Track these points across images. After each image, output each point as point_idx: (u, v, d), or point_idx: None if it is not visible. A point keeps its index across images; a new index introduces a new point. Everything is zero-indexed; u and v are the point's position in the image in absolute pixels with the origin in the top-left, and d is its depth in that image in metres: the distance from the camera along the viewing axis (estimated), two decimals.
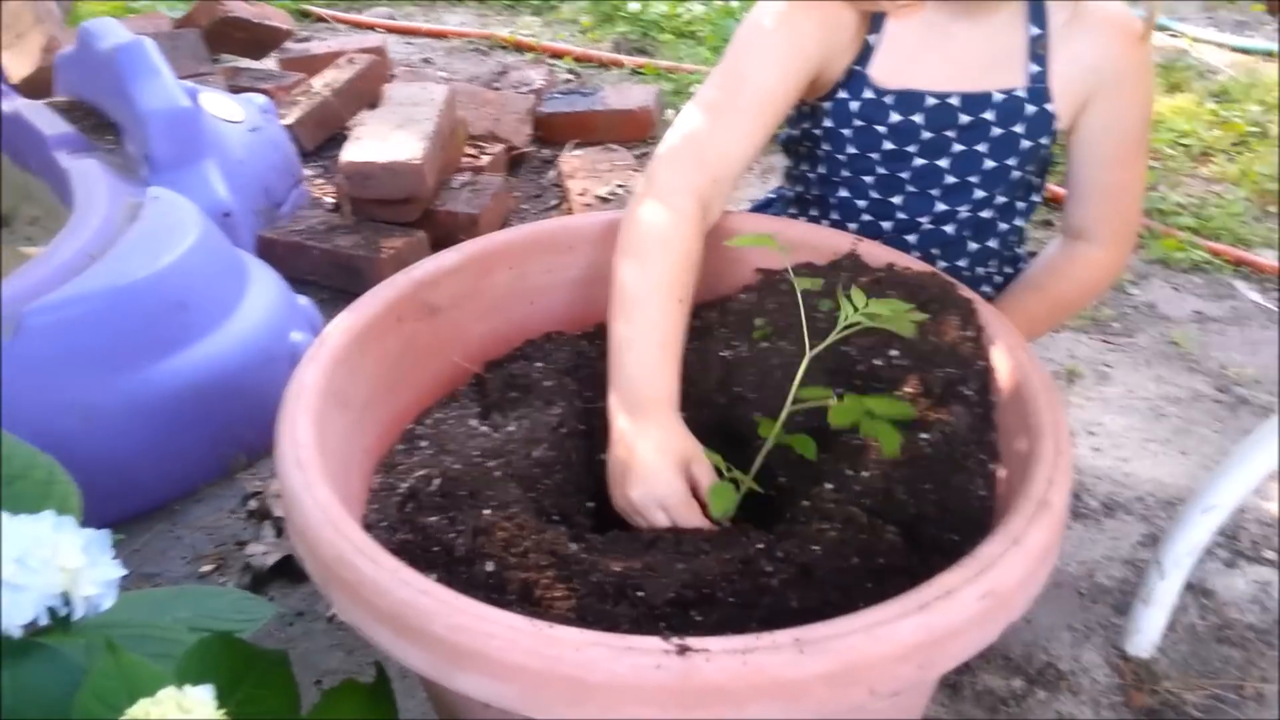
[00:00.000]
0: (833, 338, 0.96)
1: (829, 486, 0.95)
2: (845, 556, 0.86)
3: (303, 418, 0.88)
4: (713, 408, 1.11)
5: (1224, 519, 1.22)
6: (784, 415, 0.97)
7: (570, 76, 3.26)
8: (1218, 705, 1.27)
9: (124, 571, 0.82)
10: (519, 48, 3.46)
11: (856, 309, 0.94)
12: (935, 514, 0.90)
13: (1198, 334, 2.06)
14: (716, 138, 1.10)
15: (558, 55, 3.38)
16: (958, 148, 1.18)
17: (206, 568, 1.49)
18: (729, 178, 1.11)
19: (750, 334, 1.12)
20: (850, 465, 0.96)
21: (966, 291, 1.02)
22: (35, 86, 2.41)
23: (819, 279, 1.04)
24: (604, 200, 2.38)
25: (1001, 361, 0.95)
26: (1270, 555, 1.50)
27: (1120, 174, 1.22)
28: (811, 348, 1.06)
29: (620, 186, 2.43)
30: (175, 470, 1.60)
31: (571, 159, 2.59)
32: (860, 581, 0.84)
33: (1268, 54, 3.41)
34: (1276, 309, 2.14)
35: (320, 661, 1.34)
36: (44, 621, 0.78)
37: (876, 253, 1.10)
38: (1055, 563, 0.79)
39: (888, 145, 1.19)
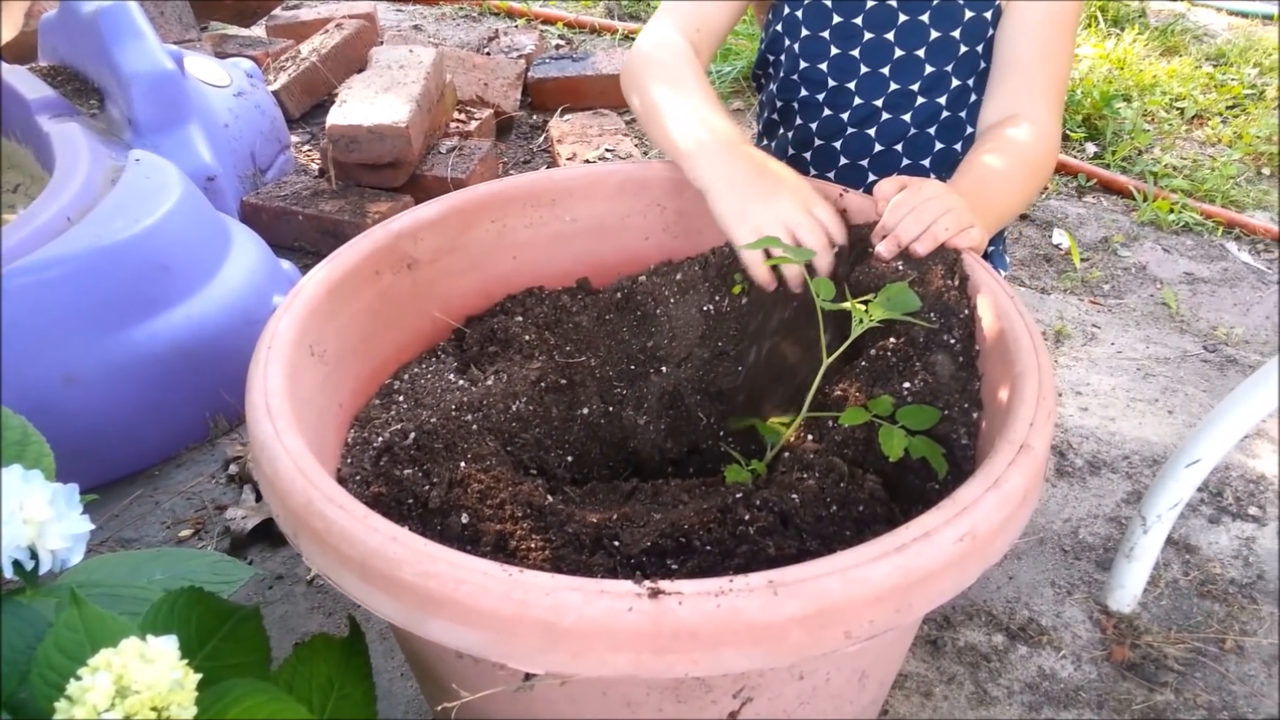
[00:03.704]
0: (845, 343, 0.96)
1: (809, 437, 0.94)
2: (825, 504, 0.85)
3: (274, 367, 0.87)
4: (695, 363, 1.10)
5: (1208, 473, 1.21)
6: None
7: (561, 42, 3.23)
8: (1199, 658, 1.27)
9: (92, 526, 0.80)
10: (510, 14, 3.43)
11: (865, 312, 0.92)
12: (917, 463, 0.89)
13: (1188, 295, 2.04)
14: (694, 4, 1.24)
15: (549, 21, 3.35)
16: (902, 18, 1.23)
17: (185, 532, 1.47)
18: (710, 30, 1.25)
19: (730, 289, 1.10)
20: (832, 416, 0.95)
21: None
22: (18, 51, 2.38)
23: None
24: None
25: (986, 309, 0.93)
26: (1254, 511, 1.49)
27: (1048, 35, 1.19)
28: (792, 305, 1.05)
29: (609, 151, 2.41)
30: (156, 434, 1.58)
31: (561, 124, 2.57)
32: (840, 529, 0.84)
33: (1266, 17, 3.39)
34: (1269, 270, 2.12)
35: (300, 624, 1.33)
36: (9, 574, 0.77)
37: (863, 205, 1.08)
38: (1036, 506, 0.78)
39: (836, 18, 1.25)
